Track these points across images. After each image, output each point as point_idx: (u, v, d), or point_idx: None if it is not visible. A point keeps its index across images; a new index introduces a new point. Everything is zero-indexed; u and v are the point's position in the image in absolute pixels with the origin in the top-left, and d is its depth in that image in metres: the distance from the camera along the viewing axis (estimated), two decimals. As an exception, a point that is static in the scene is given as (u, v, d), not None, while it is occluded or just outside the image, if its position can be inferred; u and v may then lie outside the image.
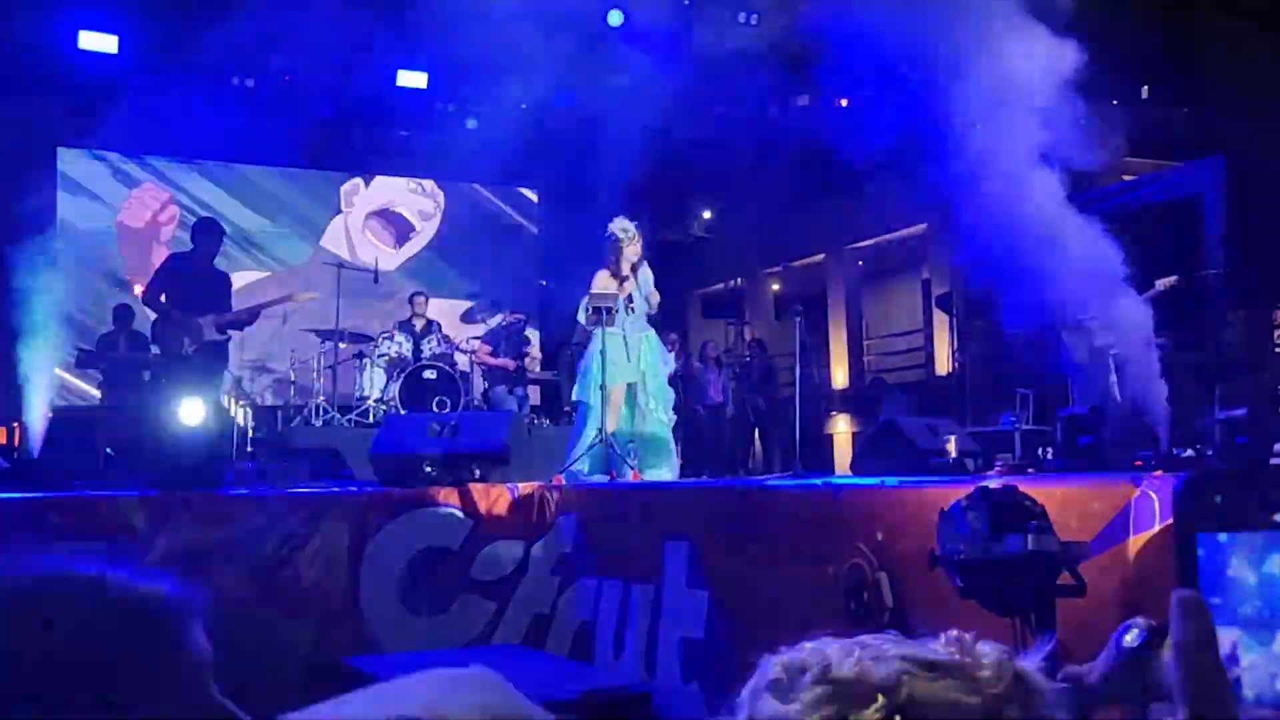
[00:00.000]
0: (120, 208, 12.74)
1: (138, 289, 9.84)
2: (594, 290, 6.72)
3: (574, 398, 6.95)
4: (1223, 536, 0.84)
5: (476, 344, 10.44)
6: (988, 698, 0.77)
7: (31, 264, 10.84)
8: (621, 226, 6.85)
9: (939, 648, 0.81)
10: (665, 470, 6.67)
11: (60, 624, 0.84)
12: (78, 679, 0.82)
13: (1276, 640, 0.87)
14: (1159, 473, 3.04)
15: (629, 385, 6.70)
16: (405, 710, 0.65)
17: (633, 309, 6.74)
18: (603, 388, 6.49)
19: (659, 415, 6.74)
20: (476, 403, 10.09)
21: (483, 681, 0.70)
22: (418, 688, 0.69)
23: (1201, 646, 0.76)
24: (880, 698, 0.76)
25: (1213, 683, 0.75)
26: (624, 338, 6.66)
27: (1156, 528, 2.81)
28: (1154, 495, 2.84)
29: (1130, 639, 1.33)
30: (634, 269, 6.83)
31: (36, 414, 8.70)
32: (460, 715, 0.66)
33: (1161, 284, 7.52)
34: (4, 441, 8.95)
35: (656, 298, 6.90)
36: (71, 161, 12.54)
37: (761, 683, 0.80)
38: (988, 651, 0.80)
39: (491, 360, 10.17)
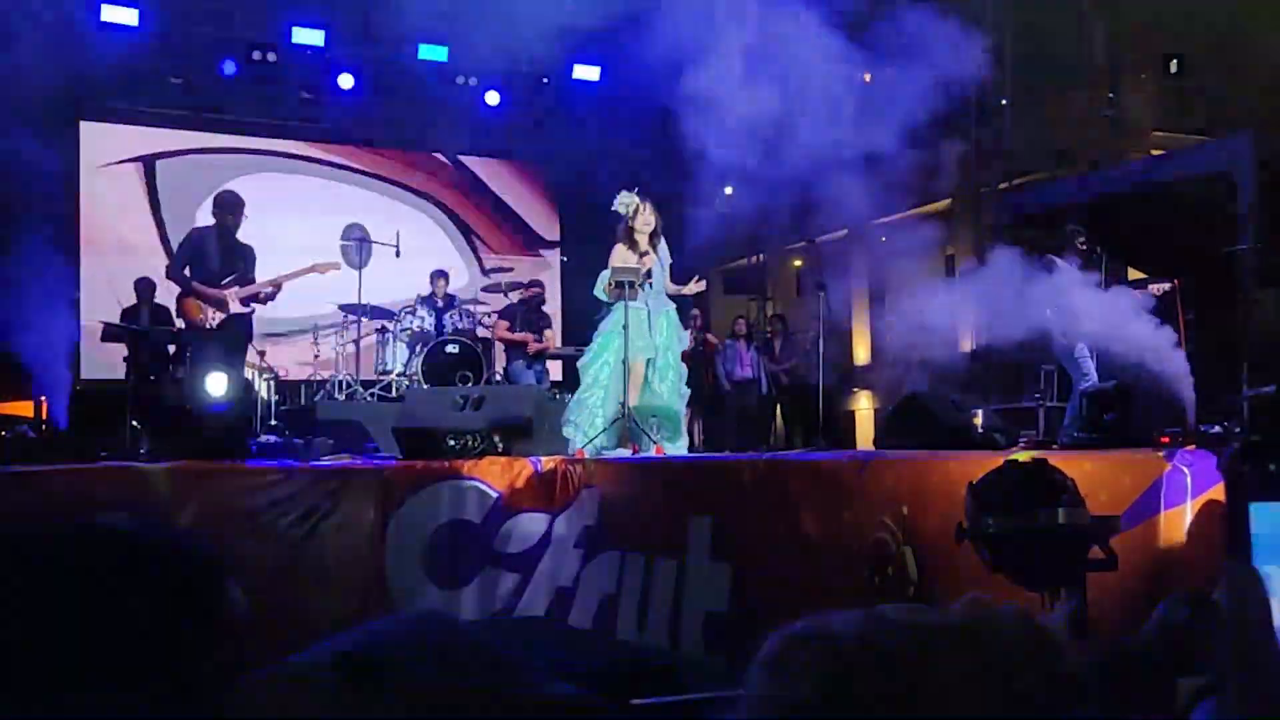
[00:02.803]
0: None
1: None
2: (613, 264, 6.69)
3: (582, 364, 6.90)
4: (1275, 505, 0.80)
5: (494, 319, 10.41)
6: (1005, 661, 0.75)
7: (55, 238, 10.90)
8: (622, 201, 6.83)
9: (956, 612, 0.79)
10: (675, 445, 6.66)
11: (112, 571, 0.85)
12: (125, 624, 0.82)
13: None
14: (1191, 448, 3.01)
15: (647, 360, 6.70)
16: (353, 647, 0.66)
17: (650, 283, 6.71)
18: (625, 362, 6.48)
19: (667, 391, 6.71)
20: (498, 377, 10.10)
21: (432, 621, 0.71)
22: (370, 627, 0.71)
23: (1254, 617, 0.73)
24: (886, 668, 0.74)
25: (1265, 654, 0.73)
26: (648, 313, 6.64)
27: (1188, 503, 2.79)
28: (1185, 470, 2.82)
29: (1175, 613, 1.31)
30: (653, 241, 6.80)
31: (63, 388, 8.77)
32: (403, 647, 0.67)
33: (1155, 289, 7.41)
34: (31, 414, 9.03)
35: (670, 284, 6.90)
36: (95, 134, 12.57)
37: (763, 659, 0.79)
38: (1006, 614, 0.78)
39: (510, 336, 10.13)
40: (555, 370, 11.68)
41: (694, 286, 7.14)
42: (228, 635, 0.85)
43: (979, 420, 4.77)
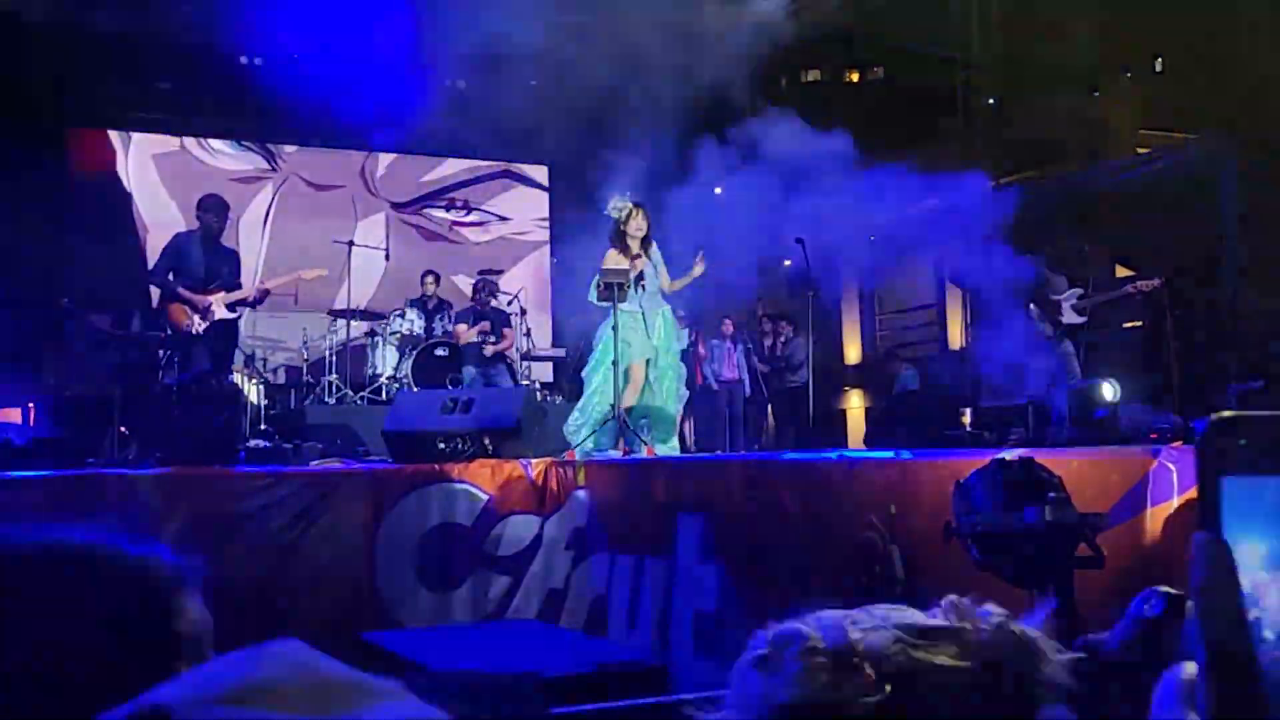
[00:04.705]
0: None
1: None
2: (604, 267, 6.71)
3: (585, 373, 6.96)
4: (1248, 479, 0.82)
5: (462, 328, 10.16)
6: (984, 662, 0.76)
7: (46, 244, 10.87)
8: (614, 205, 6.85)
9: (937, 614, 0.80)
10: (667, 446, 6.68)
11: (50, 591, 0.83)
12: (69, 646, 0.81)
13: None
14: (1178, 445, 3.02)
15: (645, 361, 6.72)
16: (212, 689, 0.65)
17: (644, 286, 6.71)
18: (616, 364, 6.49)
19: (666, 391, 6.74)
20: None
21: (287, 651, 0.70)
22: (222, 666, 0.69)
23: (1222, 588, 0.75)
24: (870, 668, 0.75)
25: (1233, 624, 0.74)
26: (642, 315, 6.66)
27: (1175, 499, 2.80)
28: (1172, 467, 2.83)
29: (1148, 609, 1.32)
30: (644, 245, 6.81)
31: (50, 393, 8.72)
32: (265, 682, 0.66)
33: (1143, 285, 7.42)
34: (19, 420, 8.99)
35: (669, 283, 6.88)
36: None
37: (749, 658, 0.79)
38: (986, 616, 0.79)
39: (470, 333, 9.92)
40: (542, 372, 11.66)
41: (698, 268, 6.96)
42: (186, 651, 0.84)
43: (967, 419, 4.79)
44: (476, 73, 12.09)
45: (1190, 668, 0.79)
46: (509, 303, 10.78)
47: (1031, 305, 7.34)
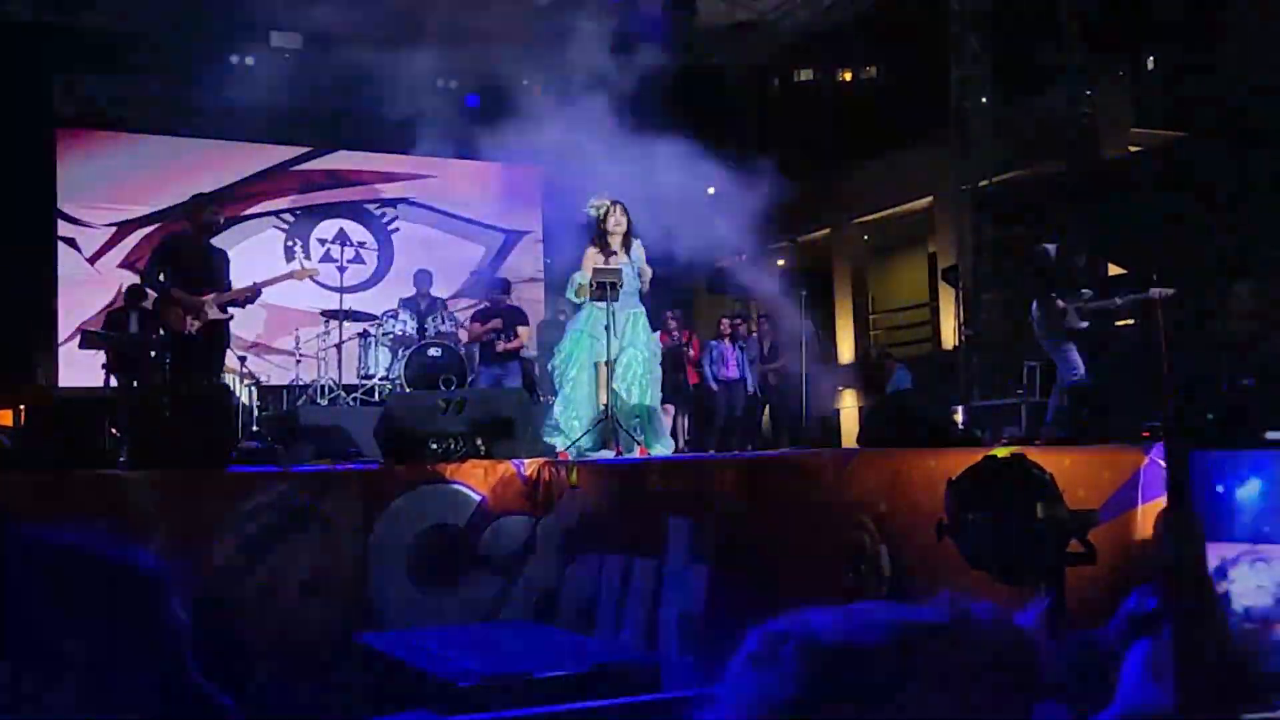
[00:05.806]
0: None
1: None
2: (586, 266, 6.71)
3: (554, 368, 6.93)
4: (1215, 453, 0.83)
5: (468, 323, 10.22)
6: (980, 658, 0.76)
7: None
8: (592, 204, 6.89)
9: (933, 610, 0.80)
10: (659, 446, 6.67)
11: (35, 588, 0.83)
12: (50, 641, 0.81)
13: (1267, 554, 0.86)
14: (1169, 441, 3.02)
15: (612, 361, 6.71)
16: None
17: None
18: (606, 363, 6.50)
19: (628, 390, 6.70)
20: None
21: None
22: None
23: (1189, 561, 0.75)
24: (865, 664, 0.74)
25: (1200, 597, 0.75)
26: (611, 313, 6.65)
27: (1166, 496, 2.79)
28: (1164, 464, 2.83)
29: (1142, 605, 1.32)
30: (625, 244, 6.81)
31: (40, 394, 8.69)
32: None
33: (1157, 293, 7.38)
34: (9, 422, 8.96)
35: (648, 273, 6.88)
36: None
37: (743, 656, 0.79)
38: (982, 612, 0.79)
39: (482, 330, 9.94)
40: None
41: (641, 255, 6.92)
42: (167, 650, 0.84)
43: (959, 417, 4.80)
44: (470, 74, 12.11)
45: (1158, 640, 0.79)
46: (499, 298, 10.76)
47: (1034, 304, 7.28)
